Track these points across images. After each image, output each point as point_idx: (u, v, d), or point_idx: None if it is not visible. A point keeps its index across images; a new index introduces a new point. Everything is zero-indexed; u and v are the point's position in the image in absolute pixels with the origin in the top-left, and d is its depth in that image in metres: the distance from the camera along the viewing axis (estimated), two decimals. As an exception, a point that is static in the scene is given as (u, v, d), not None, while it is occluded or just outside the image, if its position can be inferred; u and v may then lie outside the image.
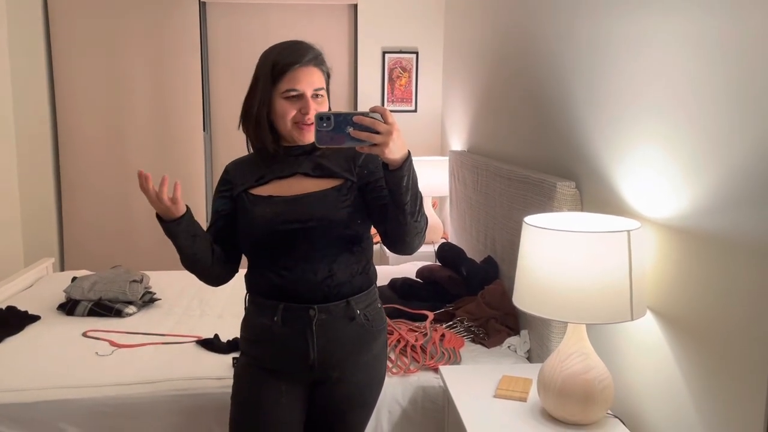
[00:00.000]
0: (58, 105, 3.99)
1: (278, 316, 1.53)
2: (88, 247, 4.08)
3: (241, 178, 1.61)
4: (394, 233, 1.47)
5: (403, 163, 1.33)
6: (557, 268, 1.49)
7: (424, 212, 1.45)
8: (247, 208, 1.57)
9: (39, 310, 2.68)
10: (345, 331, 1.55)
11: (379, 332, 1.62)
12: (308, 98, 1.51)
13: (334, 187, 1.55)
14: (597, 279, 1.46)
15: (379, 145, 1.28)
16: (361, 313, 1.56)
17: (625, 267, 1.46)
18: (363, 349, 1.59)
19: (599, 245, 1.46)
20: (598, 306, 1.47)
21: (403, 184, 1.35)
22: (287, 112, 1.52)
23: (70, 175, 4.04)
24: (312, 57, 1.53)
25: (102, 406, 1.97)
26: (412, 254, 1.53)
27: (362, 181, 1.56)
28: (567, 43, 2.11)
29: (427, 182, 3.80)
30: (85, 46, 3.95)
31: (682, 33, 1.46)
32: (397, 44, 4.23)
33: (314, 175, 1.57)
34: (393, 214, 1.43)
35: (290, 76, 1.50)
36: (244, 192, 1.59)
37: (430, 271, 2.79)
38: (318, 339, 1.53)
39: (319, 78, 1.54)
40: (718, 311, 1.36)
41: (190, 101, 4.09)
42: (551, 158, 2.27)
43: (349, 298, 1.55)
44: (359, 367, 1.59)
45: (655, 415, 1.60)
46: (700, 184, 1.40)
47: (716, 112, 1.35)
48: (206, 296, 2.91)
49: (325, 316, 1.53)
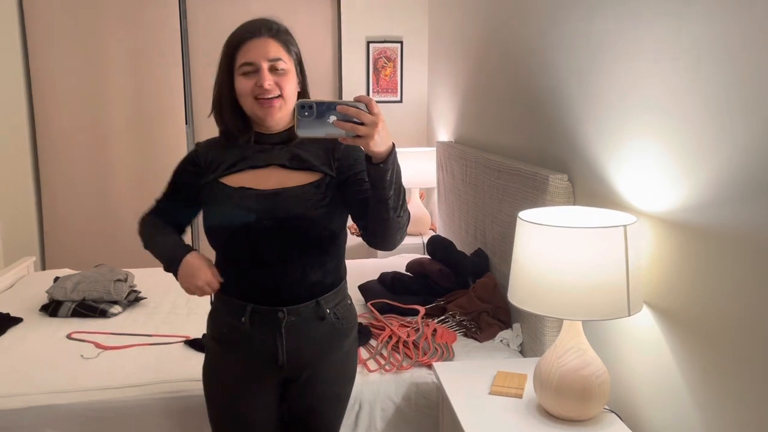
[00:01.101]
0: (35, 100, 3.89)
1: (246, 317, 1.48)
2: (69, 246, 4.00)
3: (213, 163, 1.52)
4: (376, 228, 1.39)
5: (387, 156, 1.25)
6: (553, 264, 1.47)
7: (406, 207, 1.38)
8: (218, 199, 1.48)
9: (21, 312, 2.62)
10: (315, 332, 1.51)
11: (350, 330, 1.59)
12: (264, 71, 1.42)
13: (312, 183, 1.48)
14: (594, 275, 1.44)
15: (364, 137, 1.20)
16: (331, 312, 1.53)
17: (622, 262, 1.45)
18: (333, 347, 1.55)
19: (596, 241, 1.44)
20: (595, 302, 1.45)
21: (387, 178, 1.28)
22: (245, 87, 1.43)
23: (49, 171, 3.95)
24: (266, 28, 1.45)
25: (90, 411, 1.93)
26: (393, 249, 1.46)
27: (342, 176, 1.49)
28: (558, 32, 2.08)
29: (414, 173, 3.78)
30: (61, 39, 3.84)
31: (679, 24, 1.44)
32: (382, 34, 4.18)
33: (291, 167, 1.49)
34: (375, 208, 1.35)
35: (243, 50, 1.43)
36: (215, 180, 1.50)
37: (421, 264, 2.77)
38: (287, 341, 1.49)
39: (276, 48, 1.44)
40: (714, 305, 1.35)
41: (171, 94, 4.01)
42: (542, 150, 2.25)
43: (319, 297, 1.50)
44: (330, 364, 1.56)
45: (651, 409, 1.59)
46: (696, 178, 1.39)
47: (713, 105, 1.33)
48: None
49: (295, 318, 1.48)
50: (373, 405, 2.03)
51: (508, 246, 2.40)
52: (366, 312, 2.58)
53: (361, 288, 2.73)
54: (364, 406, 2.03)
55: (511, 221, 2.33)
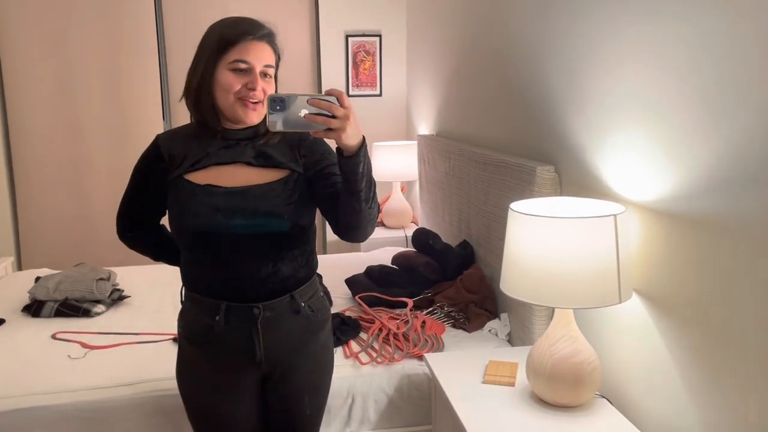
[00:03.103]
0: (8, 96, 3.79)
1: (220, 316, 1.47)
2: (45, 245, 3.92)
3: (176, 157, 1.49)
4: (347, 221, 1.40)
5: (359, 149, 1.26)
6: (545, 254, 1.50)
7: (376, 198, 1.39)
8: (184, 197, 1.46)
9: (2, 313, 2.57)
10: (291, 326, 1.51)
11: (324, 321, 1.60)
12: (257, 74, 1.42)
13: (280, 180, 1.47)
14: (585, 264, 1.48)
15: (336, 130, 1.21)
16: (305, 305, 1.53)
17: (613, 251, 1.48)
18: (310, 340, 1.56)
19: (586, 231, 1.47)
20: (587, 290, 1.49)
21: (359, 170, 1.29)
22: (232, 85, 1.42)
23: (23, 169, 3.86)
24: (266, 33, 1.46)
25: (79, 411, 1.91)
26: (364, 241, 1.48)
27: (309, 171, 1.49)
28: (542, 23, 2.11)
29: (394, 167, 3.79)
30: (34, 34, 3.75)
31: (667, 13, 1.47)
32: (360, 27, 4.17)
33: (257, 164, 1.47)
34: (346, 201, 1.35)
35: (240, 47, 1.42)
36: (179, 177, 1.47)
37: (407, 257, 2.79)
38: (264, 337, 1.49)
39: (270, 55, 1.45)
40: (701, 291, 1.39)
41: (147, 90, 3.94)
42: (527, 142, 2.28)
43: (293, 291, 1.50)
44: (307, 357, 1.56)
45: (641, 393, 1.63)
46: (683, 168, 1.43)
47: (698, 96, 1.36)
48: (178, 291, 2.83)
49: (270, 313, 1.48)
50: (366, 397, 2.05)
51: (493, 237, 2.43)
52: (354, 305, 2.59)
53: (348, 281, 2.74)
54: (357, 398, 2.04)
55: (497, 213, 2.36)
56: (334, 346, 1.68)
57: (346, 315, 2.40)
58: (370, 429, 2.07)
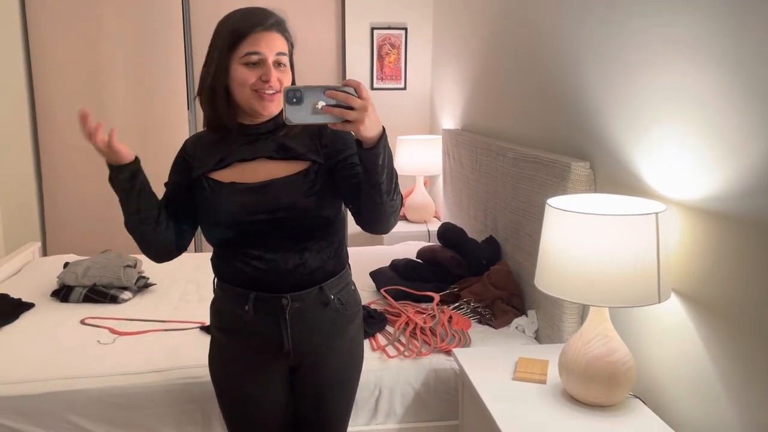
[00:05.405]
0: (36, 86, 3.82)
1: (249, 306, 1.48)
2: (70, 232, 3.96)
3: (201, 159, 1.51)
4: (369, 213, 1.38)
5: (378, 141, 1.24)
6: (583, 251, 1.48)
7: (399, 190, 1.37)
8: (209, 196, 1.48)
9: (31, 297, 2.60)
10: (319, 318, 1.51)
11: (354, 315, 1.59)
12: (270, 64, 1.41)
13: (300, 172, 1.46)
14: (624, 262, 1.46)
15: (354, 122, 1.18)
16: (335, 298, 1.52)
17: (653, 250, 1.46)
18: (338, 334, 1.55)
19: (627, 228, 1.45)
20: (626, 289, 1.47)
21: (379, 162, 1.26)
22: (246, 78, 1.41)
23: (50, 158, 3.90)
24: (274, 21, 1.44)
25: (111, 396, 1.92)
26: (388, 233, 1.46)
27: (331, 161, 1.48)
28: (577, 14, 2.08)
29: (418, 161, 3.78)
30: (62, 26, 3.78)
31: (714, 6, 1.44)
32: (386, 20, 4.15)
33: (278, 157, 1.47)
34: (368, 193, 1.34)
35: (251, 39, 1.41)
36: (203, 176, 1.49)
37: (432, 251, 2.78)
38: (292, 328, 1.49)
39: (282, 43, 1.44)
40: (746, 293, 1.37)
41: (173, 80, 3.96)
42: (559, 137, 2.25)
43: (321, 283, 1.50)
44: (336, 351, 1.56)
45: (676, 394, 1.62)
46: (733, 166, 1.40)
47: (749, 91, 1.33)
48: (202, 280, 2.85)
49: (299, 305, 1.48)
50: (393, 391, 2.05)
51: (521, 233, 2.41)
52: (379, 298, 2.58)
53: (372, 274, 2.74)
54: (384, 391, 2.04)
55: (527, 209, 2.34)
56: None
57: (372, 308, 2.40)
58: (396, 422, 2.07)
